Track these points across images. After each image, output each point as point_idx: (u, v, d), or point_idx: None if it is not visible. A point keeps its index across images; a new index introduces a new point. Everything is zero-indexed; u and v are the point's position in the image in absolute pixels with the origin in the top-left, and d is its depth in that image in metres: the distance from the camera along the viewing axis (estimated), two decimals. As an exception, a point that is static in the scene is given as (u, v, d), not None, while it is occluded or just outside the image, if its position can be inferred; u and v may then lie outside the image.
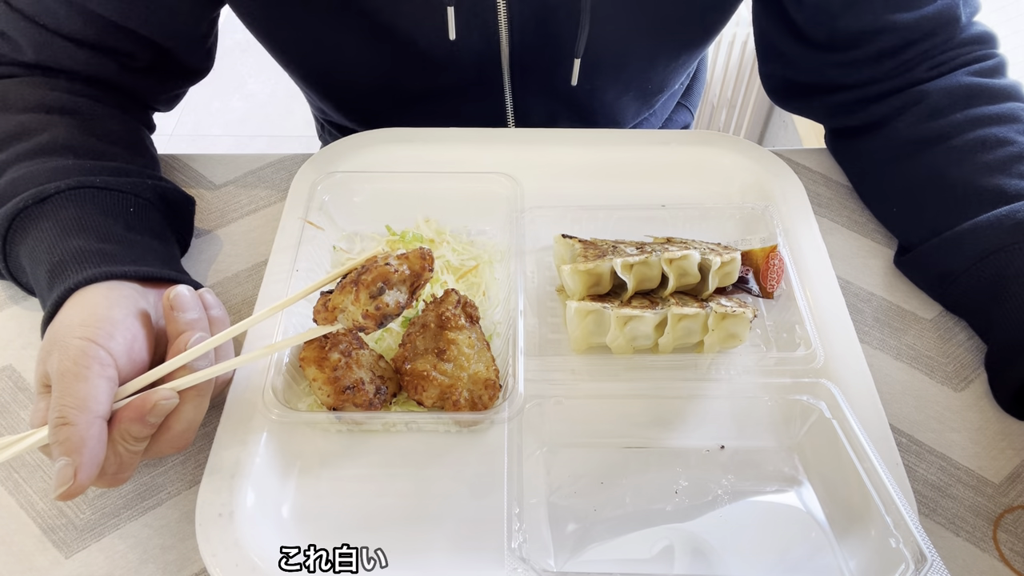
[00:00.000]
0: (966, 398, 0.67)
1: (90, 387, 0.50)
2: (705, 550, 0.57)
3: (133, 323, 0.56)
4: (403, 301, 0.59)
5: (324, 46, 0.84)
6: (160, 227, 0.70)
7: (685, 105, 1.17)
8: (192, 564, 0.57)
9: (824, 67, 0.83)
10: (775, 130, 2.12)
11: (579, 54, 0.81)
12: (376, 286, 0.57)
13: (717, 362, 0.66)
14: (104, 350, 0.52)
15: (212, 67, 0.88)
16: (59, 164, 0.66)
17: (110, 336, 0.53)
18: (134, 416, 0.51)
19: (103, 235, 0.63)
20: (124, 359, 0.53)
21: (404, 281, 0.59)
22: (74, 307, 0.57)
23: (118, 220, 0.65)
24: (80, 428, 0.49)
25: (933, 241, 0.73)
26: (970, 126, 0.75)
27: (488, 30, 0.80)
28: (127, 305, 0.57)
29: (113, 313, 0.55)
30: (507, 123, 0.93)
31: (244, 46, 2.77)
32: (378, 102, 0.93)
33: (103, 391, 0.51)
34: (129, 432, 0.52)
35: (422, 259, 0.59)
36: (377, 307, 0.57)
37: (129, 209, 0.67)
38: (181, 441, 0.55)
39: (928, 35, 0.77)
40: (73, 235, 0.62)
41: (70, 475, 0.48)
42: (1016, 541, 0.59)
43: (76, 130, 0.70)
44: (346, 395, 0.59)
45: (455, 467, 0.60)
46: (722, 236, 0.76)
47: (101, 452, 0.50)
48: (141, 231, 0.67)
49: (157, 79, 0.82)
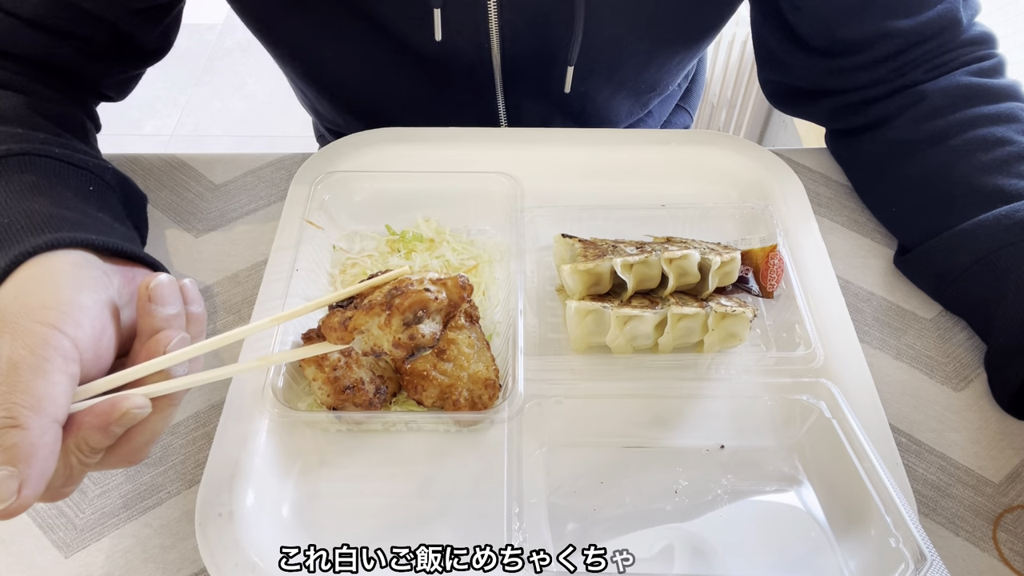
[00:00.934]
0: (966, 398, 0.67)
1: (49, 384, 0.42)
2: (705, 550, 0.57)
3: (103, 312, 0.48)
4: (438, 333, 0.52)
5: (318, 42, 0.84)
6: (120, 213, 0.64)
7: (684, 108, 1.17)
8: (192, 564, 0.57)
9: (824, 73, 0.82)
10: (775, 130, 2.12)
11: (572, 62, 0.81)
12: (413, 313, 0.51)
13: (717, 362, 0.66)
14: (70, 340, 0.44)
15: (170, 48, 0.83)
16: (10, 131, 0.60)
17: (78, 324, 0.45)
18: (97, 424, 0.43)
19: (60, 203, 0.55)
20: (89, 354, 0.45)
21: (440, 311, 0.53)
22: (32, 282, 0.48)
23: (77, 195, 0.58)
24: (32, 433, 0.40)
25: (933, 241, 0.73)
26: (969, 126, 0.74)
27: (478, 34, 0.80)
28: (96, 289, 0.49)
29: (82, 297, 0.47)
30: (500, 124, 0.93)
31: (244, 46, 2.77)
32: (370, 100, 0.92)
33: (63, 391, 0.43)
34: (87, 442, 0.44)
35: (461, 288, 0.53)
36: (411, 336, 0.50)
37: (88, 187, 0.61)
38: (138, 456, 0.47)
39: (928, 39, 0.77)
40: (27, 198, 0.54)
41: (13, 489, 0.39)
42: (1016, 541, 0.59)
43: (28, 108, 0.65)
44: (346, 395, 0.59)
45: (455, 467, 0.60)
46: (722, 236, 0.76)
47: (53, 464, 0.42)
48: (100, 209, 0.59)
49: (113, 61, 0.77)
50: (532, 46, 0.82)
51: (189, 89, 2.74)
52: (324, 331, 0.54)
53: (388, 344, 0.51)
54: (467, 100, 0.89)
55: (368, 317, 0.52)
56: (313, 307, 0.54)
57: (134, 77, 0.83)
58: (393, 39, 0.81)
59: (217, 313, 0.72)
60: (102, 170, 0.64)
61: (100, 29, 0.72)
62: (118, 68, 0.79)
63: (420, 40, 0.80)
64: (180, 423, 0.65)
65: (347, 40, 0.83)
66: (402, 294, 0.51)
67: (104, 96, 0.81)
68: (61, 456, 0.43)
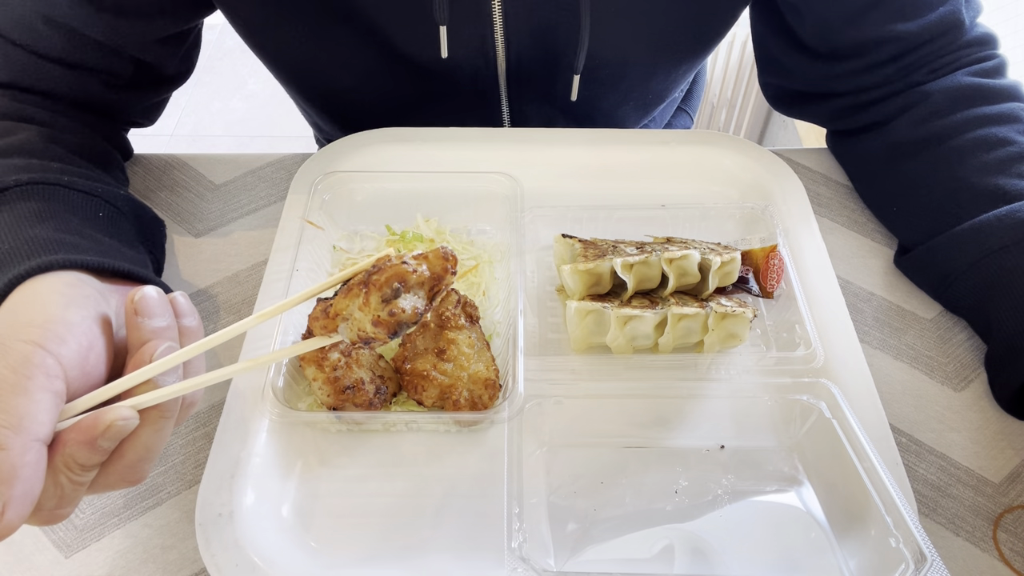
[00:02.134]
0: (966, 398, 0.67)
1: (30, 402, 0.41)
2: (705, 550, 0.57)
3: (91, 327, 0.47)
4: (421, 308, 0.50)
5: (318, 58, 0.83)
6: (132, 238, 0.64)
7: (684, 110, 1.17)
8: (192, 564, 0.57)
9: (825, 77, 0.82)
10: (775, 130, 2.12)
11: (578, 70, 0.80)
12: (391, 287, 0.48)
13: (717, 362, 0.66)
14: (53, 357, 0.43)
15: (193, 70, 0.86)
16: (23, 163, 0.61)
17: (61, 341, 0.44)
18: (82, 439, 0.42)
19: (63, 227, 0.56)
20: (76, 371, 0.44)
21: (422, 284, 0.50)
22: (22, 302, 0.48)
23: (85, 220, 0.59)
24: (13, 453, 0.39)
25: (933, 241, 0.73)
26: (970, 126, 0.74)
27: (485, 46, 0.80)
28: (86, 306, 0.48)
29: (68, 314, 0.46)
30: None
31: (244, 46, 2.76)
32: (373, 113, 0.92)
33: (46, 408, 0.42)
34: (75, 459, 0.42)
35: (444, 259, 0.50)
36: (391, 312, 0.47)
37: (98, 213, 0.61)
38: (135, 474, 0.46)
39: (930, 41, 0.77)
40: (29, 225, 0.55)
41: None
42: (1016, 541, 0.59)
43: (45, 139, 0.66)
44: (346, 395, 0.59)
45: (455, 467, 0.60)
46: (722, 236, 0.76)
47: (38, 484, 0.41)
48: (109, 233, 0.60)
49: (138, 91, 0.79)
50: (537, 56, 0.82)
51: (189, 89, 2.74)
52: (310, 324, 0.53)
53: (369, 324, 0.48)
54: (472, 107, 0.89)
55: (348, 300, 0.49)
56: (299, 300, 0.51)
57: (161, 102, 0.86)
58: (397, 55, 0.81)
59: (218, 313, 0.73)
60: (114, 197, 0.64)
61: (122, 62, 0.74)
62: (143, 96, 0.81)
63: (426, 56, 0.80)
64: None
65: (347, 59, 0.83)
66: (379, 270, 0.49)
67: (133, 123, 0.83)
68: (50, 476, 0.42)
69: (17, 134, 0.66)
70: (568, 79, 0.82)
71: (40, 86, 0.71)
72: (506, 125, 0.93)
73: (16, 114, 0.69)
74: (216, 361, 0.67)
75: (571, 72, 0.81)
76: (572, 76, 0.81)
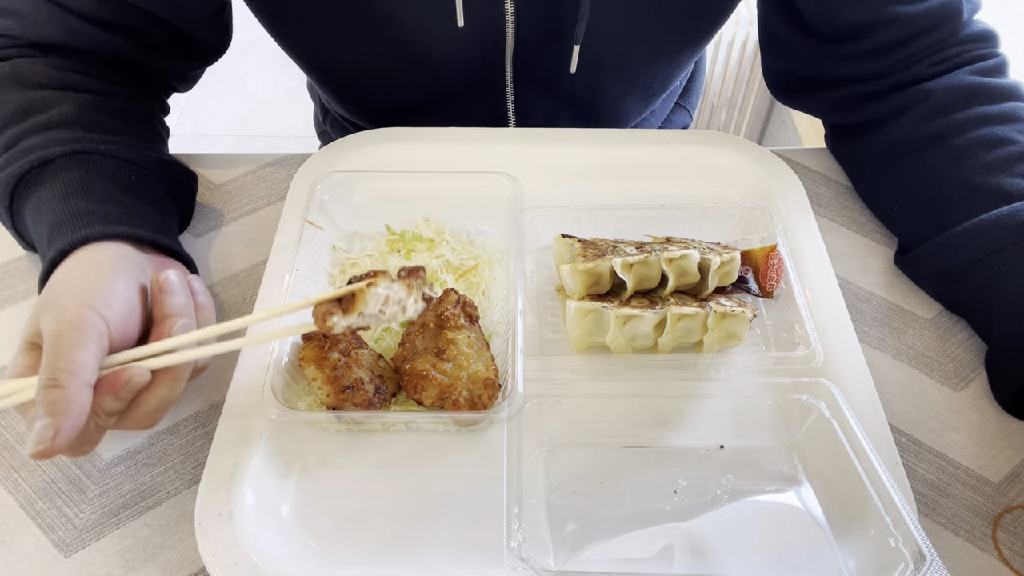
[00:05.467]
0: (966, 398, 0.67)
1: (85, 354, 0.51)
2: (704, 550, 0.57)
3: (133, 296, 0.57)
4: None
5: (330, 39, 0.84)
6: (161, 197, 0.72)
7: (683, 106, 1.17)
8: (192, 564, 0.57)
9: (827, 60, 0.83)
10: (775, 130, 2.12)
11: (579, 40, 0.81)
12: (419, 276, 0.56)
13: (716, 362, 0.66)
14: (102, 319, 0.53)
15: (229, 44, 0.89)
16: (67, 135, 0.69)
17: (110, 306, 0.54)
18: (107, 390, 0.52)
19: (102, 197, 0.65)
20: (118, 332, 0.54)
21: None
22: (77, 269, 0.58)
23: (118, 185, 0.67)
24: (70, 392, 0.49)
25: (933, 240, 0.73)
26: (971, 125, 0.74)
27: (495, 19, 0.80)
28: (129, 279, 0.58)
29: (116, 284, 0.57)
30: (508, 121, 0.93)
31: (244, 46, 2.77)
32: (382, 97, 0.93)
33: (94, 360, 0.51)
34: (101, 405, 0.52)
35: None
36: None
37: (131, 177, 0.69)
38: (148, 420, 0.55)
39: (930, 29, 0.77)
40: (73, 197, 0.64)
41: (49, 436, 0.48)
42: (1015, 541, 0.59)
43: (86, 106, 0.72)
44: (346, 394, 0.59)
45: (455, 467, 0.60)
46: (722, 236, 0.76)
47: (83, 420, 0.50)
48: (140, 197, 0.69)
49: (174, 59, 0.83)
50: (543, 30, 0.82)
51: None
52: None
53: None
54: (477, 94, 0.89)
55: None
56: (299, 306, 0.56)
57: (198, 73, 0.90)
58: (407, 34, 0.81)
59: (218, 313, 0.72)
60: (146, 159, 0.71)
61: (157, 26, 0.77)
62: (182, 65, 0.86)
63: (436, 32, 0.80)
64: (180, 423, 0.65)
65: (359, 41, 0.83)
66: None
67: (172, 88, 0.87)
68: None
69: (59, 106, 0.71)
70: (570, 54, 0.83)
71: (77, 43, 0.74)
72: (511, 117, 0.93)
73: (57, 82, 0.72)
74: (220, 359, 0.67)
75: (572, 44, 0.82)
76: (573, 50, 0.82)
